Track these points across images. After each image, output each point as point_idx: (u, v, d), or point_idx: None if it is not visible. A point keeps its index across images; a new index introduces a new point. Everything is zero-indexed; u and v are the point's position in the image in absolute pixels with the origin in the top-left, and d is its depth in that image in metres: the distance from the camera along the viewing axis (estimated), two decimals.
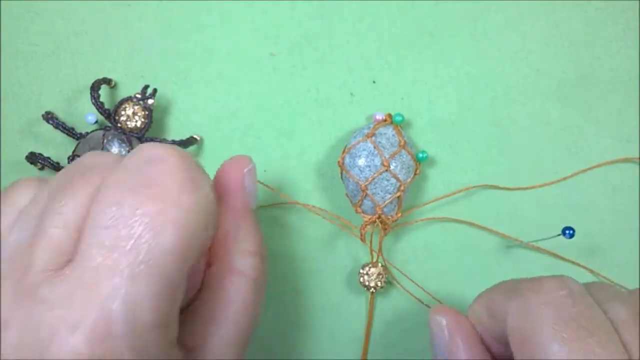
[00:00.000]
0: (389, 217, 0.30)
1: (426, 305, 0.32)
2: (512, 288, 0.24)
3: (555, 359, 0.21)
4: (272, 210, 0.33)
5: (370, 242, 0.31)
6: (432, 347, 0.27)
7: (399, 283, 0.32)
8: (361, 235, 0.31)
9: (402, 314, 0.33)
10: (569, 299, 0.22)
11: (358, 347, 0.33)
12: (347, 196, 0.31)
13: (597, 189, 0.32)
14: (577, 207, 0.32)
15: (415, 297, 0.32)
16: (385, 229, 0.31)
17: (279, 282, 0.33)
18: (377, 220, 0.30)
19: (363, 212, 0.31)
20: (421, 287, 0.32)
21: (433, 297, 0.32)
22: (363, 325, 0.33)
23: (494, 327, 0.24)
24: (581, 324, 0.21)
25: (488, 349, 0.26)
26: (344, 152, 0.31)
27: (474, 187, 0.32)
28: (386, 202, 0.30)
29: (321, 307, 0.33)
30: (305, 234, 0.33)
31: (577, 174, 0.32)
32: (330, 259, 0.33)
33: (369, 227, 0.31)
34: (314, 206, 0.32)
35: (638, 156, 0.32)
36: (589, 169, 0.32)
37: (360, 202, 0.30)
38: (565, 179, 0.32)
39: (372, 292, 0.32)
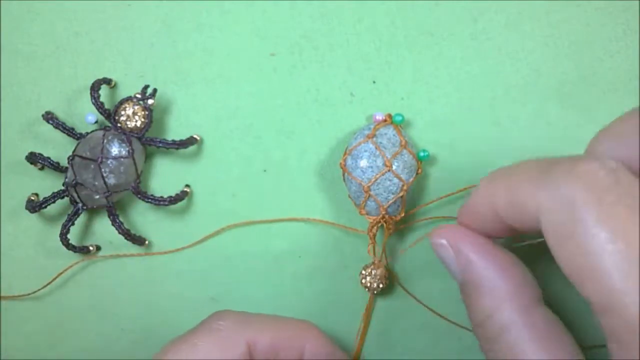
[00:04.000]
0: (393, 217, 0.30)
1: (425, 305, 0.32)
2: (541, 174, 0.21)
3: (606, 248, 0.19)
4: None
5: (374, 243, 0.31)
6: (450, 273, 0.26)
7: (400, 284, 0.32)
8: (370, 237, 0.31)
9: (402, 314, 0.33)
10: (609, 179, 0.20)
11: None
12: (350, 198, 0.31)
13: None
14: None
15: (415, 297, 0.32)
16: (389, 230, 0.31)
17: (279, 282, 0.33)
18: (381, 220, 0.30)
19: (367, 213, 0.31)
20: (422, 303, 0.32)
21: (436, 313, 0.32)
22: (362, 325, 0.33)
23: (520, 218, 0.22)
24: (628, 206, 0.19)
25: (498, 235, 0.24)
26: (345, 153, 0.31)
27: (475, 186, 0.32)
28: (390, 202, 0.30)
29: (321, 307, 0.33)
30: (305, 233, 0.33)
31: None
32: (330, 259, 0.33)
33: (374, 228, 0.31)
34: (321, 220, 0.32)
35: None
36: None
37: (364, 204, 0.30)
38: None
39: (374, 293, 0.32)
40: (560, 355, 0.22)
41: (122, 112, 0.31)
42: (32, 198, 0.32)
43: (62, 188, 0.31)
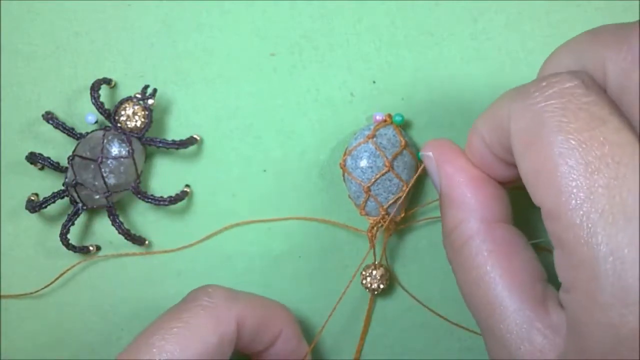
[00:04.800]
0: (394, 217, 0.30)
1: (425, 306, 0.32)
2: (516, 91, 0.22)
3: (562, 152, 0.19)
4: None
5: (373, 243, 0.31)
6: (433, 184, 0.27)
7: (400, 284, 0.32)
8: (370, 238, 0.31)
9: (402, 314, 0.33)
10: (579, 89, 0.20)
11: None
12: (350, 198, 0.31)
13: None
14: None
15: (415, 297, 0.32)
16: (389, 230, 0.31)
17: (279, 282, 0.33)
18: (382, 221, 0.30)
19: (367, 214, 0.31)
20: (421, 302, 0.32)
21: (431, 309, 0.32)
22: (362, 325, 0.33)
23: (499, 141, 0.23)
24: (593, 113, 0.19)
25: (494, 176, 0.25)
26: (345, 154, 0.31)
27: None
28: (390, 202, 0.30)
29: (321, 307, 0.33)
30: (305, 233, 0.33)
31: None
32: (330, 259, 0.33)
33: (375, 229, 0.31)
34: (323, 219, 0.32)
35: None
36: None
37: (364, 204, 0.30)
38: None
39: (375, 294, 0.32)
40: (517, 270, 0.23)
41: (122, 112, 0.31)
42: (32, 198, 0.32)
43: (62, 188, 0.31)
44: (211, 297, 0.27)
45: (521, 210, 0.33)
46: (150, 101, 0.31)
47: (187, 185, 0.32)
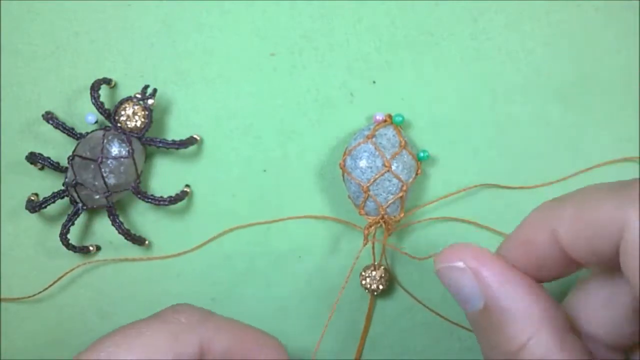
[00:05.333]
0: (392, 217, 0.30)
1: (426, 306, 0.32)
2: (622, 191, 0.20)
3: None
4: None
5: (373, 244, 0.31)
6: (459, 302, 0.23)
7: (400, 285, 0.32)
8: (365, 235, 0.31)
9: (402, 315, 0.33)
10: None
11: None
12: (350, 198, 0.31)
13: None
14: None
15: (416, 298, 0.32)
16: (388, 230, 0.31)
17: (279, 282, 0.33)
18: (380, 221, 0.30)
19: (366, 214, 0.31)
20: (422, 302, 0.32)
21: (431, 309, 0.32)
22: (363, 325, 0.33)
23: (591, 242, 0.20)
24: None
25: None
26: (344, 154, 0.31)
27: (477, 186, 0.32)
28: (389, 202, 0.30)
29: (321, 307, 0.33)
30: (305, 233, 0.33)
31: (577, 174, 0.32)
32: (330, 259, 0.33)
33: (372, 228, 0.31)
34: (323, 216, 0.32)
35: (638, 156, 0.32)
36: (589, 169, 0.32)
37: (363, 204, 0.30)
38: (565, 179, 0.32)
39: (374, 295, 0.32)
40: None
41: (122, 112, 0.31)
42: (32, 198, 0.32)
43: (62, 188, 0.31)
44: (178, 315, 0.26)
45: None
46: (150, 101, 0.31)
47: (187, 185, 0.32)
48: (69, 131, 0.31)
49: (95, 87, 0.31)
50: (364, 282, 0.31)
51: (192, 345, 0.25)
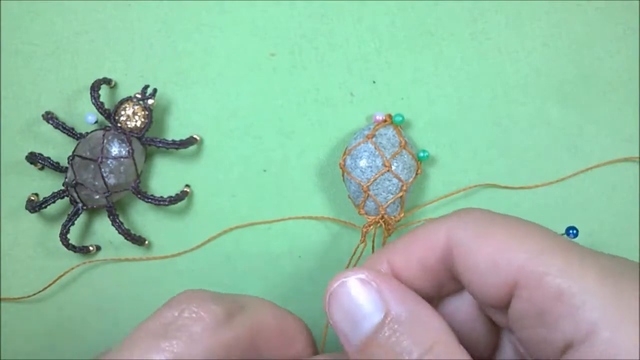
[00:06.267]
0: (392, 217, 0.30)
1: None
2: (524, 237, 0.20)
3: None
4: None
5: (373, 243, 0.31)
6: (342, 330, 0.22)
7: None
8: (363, 233, 0.31)
9: None
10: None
11: None
12: (350, 198, 0.31)
13: (597, 189, 0.32)
14: (577, 207, 0.32)
15: None
16: (388, 230, 0.31)
17: (279, 282, 0.33)
18: (380, 220, 0.30)
19: (366, 213, 0.31)
20: None
21: None
22: None
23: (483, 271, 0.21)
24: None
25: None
26: (344, 153, 0.31)
27: (476, 185, 0.32)
28: (389, 202, 0.30)
29: (321, 307, 0.33)
30: (305, 233, 0.33)
31: (577, 174, 0.32)
32: (330, 259, 0.33)
33: (371, 227, 0.31)
34: (322, 217, 0.32)
35: (638, 156, 0.32)
36: (589, 169, 0.32)
37: (363, 204, 0.30)
38: (565, 179, 0.32)
39: None
40: None
41: (122, 112, 0.31)
42: (32, 198, 0.32)
43: (62, 188, 0.31)
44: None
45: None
46: (150, 101, 0.31)
47: (187, 185, 0.32)
48: (69, 131, 0.31)
49: (95, 87, 0.31)
50: None
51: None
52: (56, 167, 0.32)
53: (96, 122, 0.32)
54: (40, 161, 0.32)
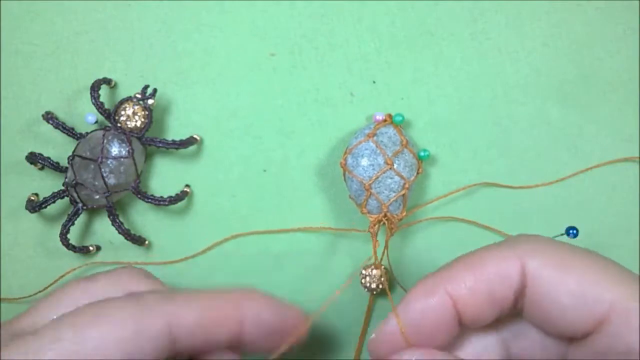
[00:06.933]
0: (395, 215, 0.30)
1: None
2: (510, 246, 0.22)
3: None
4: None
5: (374, 243, 0.31)
6: None
7: (400, 285, 0.32)
8: (372, 234, 0.30)
9: None
10: None
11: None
12: (351, 198, 0.31)
13: (597, 189, 0.32)
14: (577, 207, 0.32)
15: None
16: (391, 229, 0.31)
17: (279, 282, 0.33)
18: (383, 219, 0.30)
19: (369, 212, 0.30)
20: None
21: None
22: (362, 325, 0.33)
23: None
24: None
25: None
26: (345, 153, 0.31)
27: (477, 184, 0.32)
28: (391, 200, 0.30)
29: (324, 312, 0.33)
30: (305, 234, 0.33)
31: (577, 174, 0.32)
32: (331, 259, 0.33)
33: (376, 226, 0.30)
34: (324, 227, 0.32)
35: (638, 156, 0.32)
36: (589, 169, 0.32)
37: (365, 202, 0.30)
38: (565, 179, 0.32)
39: (373, 294, 0.32)
40: None
41: (122, 112, 0.31)
42: (32, 198, 0.32)
43: (62, 188, 0.31)
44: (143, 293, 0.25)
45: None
46: (150, 101, 0.31)
47: (187, 185, 0.32)
48: (69, 131, 0.31)
49: (95, 87, 0.31)
50: (363, 280, 0.31)
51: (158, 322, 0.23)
52: (56, 167, 0.32)
53: (96, 122, 0.32)
54: (40, 161, 0.32)
